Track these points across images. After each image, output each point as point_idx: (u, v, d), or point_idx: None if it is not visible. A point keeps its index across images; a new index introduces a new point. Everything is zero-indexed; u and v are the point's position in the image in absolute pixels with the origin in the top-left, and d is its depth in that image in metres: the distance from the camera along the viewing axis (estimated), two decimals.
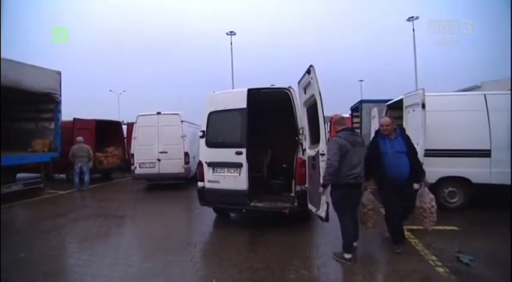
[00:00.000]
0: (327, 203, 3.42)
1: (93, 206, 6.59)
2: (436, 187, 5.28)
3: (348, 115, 15.40)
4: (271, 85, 4.55)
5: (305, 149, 4.24)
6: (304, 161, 4.20)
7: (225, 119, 4.59)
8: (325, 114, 3.57)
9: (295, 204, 4.28)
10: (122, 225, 5.14)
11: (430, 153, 4.94)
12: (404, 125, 5.72)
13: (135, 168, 8.26)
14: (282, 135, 5.56)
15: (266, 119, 5.95)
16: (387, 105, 6.98)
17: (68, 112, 9.62)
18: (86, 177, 8.52)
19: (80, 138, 8.61)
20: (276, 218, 4.64)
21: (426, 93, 4.89)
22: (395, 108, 6.48)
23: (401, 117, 5.90)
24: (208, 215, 5.27)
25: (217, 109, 4.61)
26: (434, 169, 5.15)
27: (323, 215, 3.46)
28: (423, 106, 4.79)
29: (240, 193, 4.33)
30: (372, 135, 7.35)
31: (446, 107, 5.29)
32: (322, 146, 3.51)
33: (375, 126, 7.38)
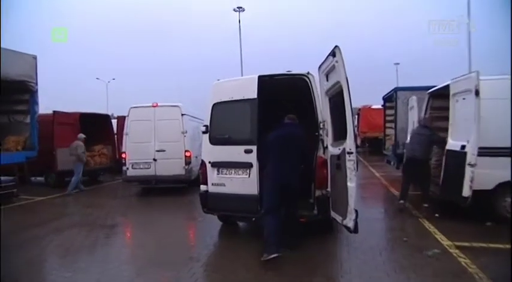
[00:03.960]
0: (356, 210, 3.39)
1: (78, 214, 6.77)
2: (494, 195, 5.08)
3: (379, 106, 15.24)
4: (287, 71, 4.54)
5: (327, 147, 4.24)
6: (326, 160, 4.21)
7: (231, 112, 4.61)
8: (352, 105, 3.54)
9: (315, 211, 4.28)
10: (111, 235, 5.26)
11: (486, 152, 4.75)
12: (451, 117, 5.59)
13: (127, 169, 8.45)
14: None
15: (280, 111, 5.90)
16: (429, 93, 6.82)
17: (46, 104, 9.96)
18: (73, 178, 8.89)
19: (80, 135, 9.10)
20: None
21: (481, 77, 4.71)
22: (440, 96, 6.33)
23: (447, 108, 5.75)
24: (213, 224, 5.35)
25: (223, 100, 4.64)
26: (492, 172, 4.93)
27: (351, 225, 3.44)
28: (477, 93, 4.60)
29: (249, 198, 4.36)
30: (410, 129, 7.30)
31: (507, 93, 5.05)
32: (350, 143, 3.48)
33: (413, 119, 7.24)
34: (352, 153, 3.46)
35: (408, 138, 7.16)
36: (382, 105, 12.00)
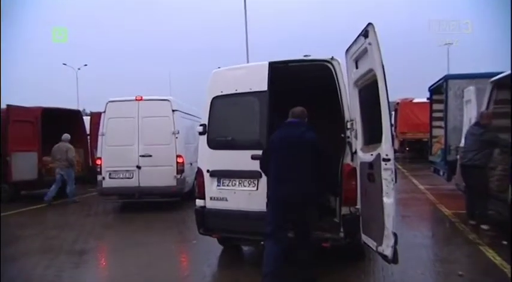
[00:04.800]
0: (395, 234, 3.39)
1: (38, 237, 6.80)
2: None
3: (424, 99, 15.09)
4: (305, 56, 4.56)
5: (355, 152, 4.24)
6: (354, 169, 4.21)
7: (236, 108, 4.67)
8: (389, 99, 3.54)
9: (341, 234, 4.27)
10: (82, 265, 5.30)
11: None
12: None
13: (104, 179, 8.57)
14: (320, 131, 5.54)
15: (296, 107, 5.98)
16: (493, 81, 6.74)
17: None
18: (69, 188, 9.34)
19: (65, 136, 9.50)
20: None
21: None
22: (508, 86, 6.26)
23: None
24: (211, 248, 5.40)
25: (225, 92, 4.69)
26: None
27: (388, 252, 3.43)
28: None
29: (257, 216, 4.37)
30: (466, 128, 7.21)
31: None
32: (386, 147, 3.49)
33: (470, 115, 7.18)
34: (389, 160, 3.44)
35: (462, 141, 7.12)
36: (427, 99, 11.93)
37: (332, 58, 4.39)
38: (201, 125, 4.82)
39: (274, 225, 3.83)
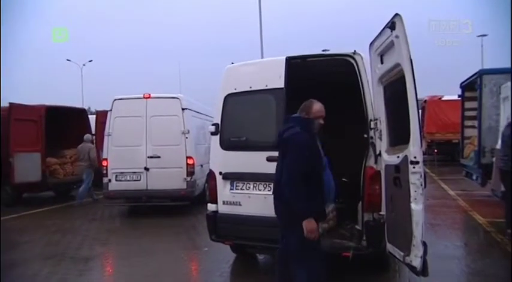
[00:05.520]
0: (424, 243, 3.36)
1: (40, 242, 6.94)
2: None
3: (454, 97, 14.88)
4: (324, 50, 4.56)
5: (380, 154, 4.21)
6: (379, 172, 4.18)
7: (250, 106, 4.69)
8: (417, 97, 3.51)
9: (363, 242, 4.26)
10: (86, 272, 5.39)
11: None
12: None
13: (109, 181, 8.68)
14: (340, 131, 5.54)
15: None
16: None
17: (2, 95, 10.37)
18: (82, 188, 9.75)
19: (87, 136, 10.13)
20: (330, 264, 4.63)
21: None
22: None
23: None
24: (223, 256, 5.42)
25: (239, 90, 4.72)
26: None
27: (417, 263, 3.39)
28: None
29: (273, 222, 4.37)
30: (502, 129, 7.11)
31: None
32: (414, 149, 3.45)
33: (507, 113, 7.06)
34: (417, 163, 3.40)
35: (499, 142, 7.03)
36: (458, 96, 11.77)
37: (354, 52, 4.36)
38: (213, 125, 4.85)
39: (279, 245, 3.69)
